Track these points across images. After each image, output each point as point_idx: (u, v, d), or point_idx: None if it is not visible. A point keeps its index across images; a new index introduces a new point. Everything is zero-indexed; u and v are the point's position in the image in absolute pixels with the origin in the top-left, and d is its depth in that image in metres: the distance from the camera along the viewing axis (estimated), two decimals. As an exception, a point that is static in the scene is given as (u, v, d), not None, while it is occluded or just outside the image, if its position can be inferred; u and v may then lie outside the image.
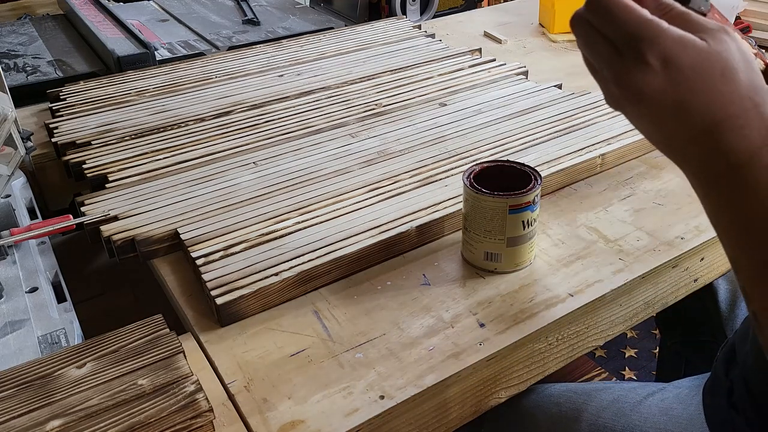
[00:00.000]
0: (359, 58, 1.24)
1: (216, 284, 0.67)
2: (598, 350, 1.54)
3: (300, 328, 0.65)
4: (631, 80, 0.36)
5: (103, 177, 0.88)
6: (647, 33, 0.34)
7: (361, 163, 0.88)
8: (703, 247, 0.75)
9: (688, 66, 0.34)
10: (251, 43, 1.37)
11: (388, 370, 0.59)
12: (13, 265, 0.73)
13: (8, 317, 0.66)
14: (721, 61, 0.34)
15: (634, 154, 0.92)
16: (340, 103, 1.06)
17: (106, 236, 0.75)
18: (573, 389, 0.76)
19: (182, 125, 1.01)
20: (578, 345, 0.69)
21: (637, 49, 0.35)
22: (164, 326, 0.59)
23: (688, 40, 0.34)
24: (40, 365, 0.55)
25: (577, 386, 0.76)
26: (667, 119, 0.36)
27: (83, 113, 1.05)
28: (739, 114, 0.33)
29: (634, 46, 0.35)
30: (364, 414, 0.55)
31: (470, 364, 0.60)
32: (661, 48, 0.34)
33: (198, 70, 1.21)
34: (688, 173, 0.38)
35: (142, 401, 0.52)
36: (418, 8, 1.68)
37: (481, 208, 0.67)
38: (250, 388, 0.59)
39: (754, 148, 0.33)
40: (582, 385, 0.77)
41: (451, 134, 0.95)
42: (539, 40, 1.43)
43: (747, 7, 1.30)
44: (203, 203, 0.81)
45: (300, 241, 0.73)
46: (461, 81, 1.12)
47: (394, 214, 0.77)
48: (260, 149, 0.93)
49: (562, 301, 0.67)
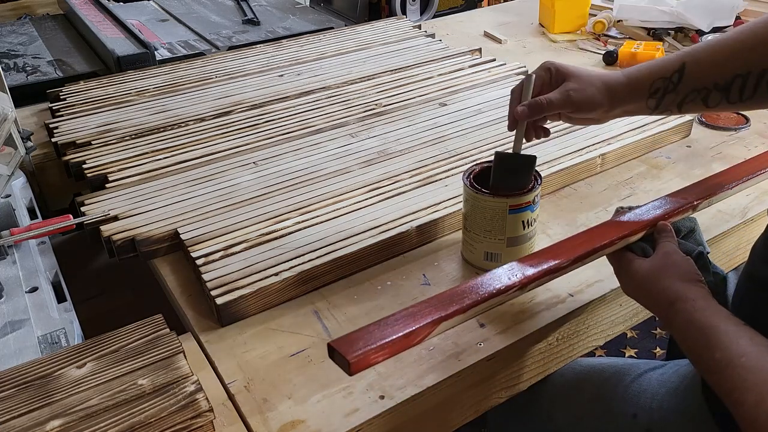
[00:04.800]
0: (359, 58, 1.24)
1: (216, 284, 0.67)
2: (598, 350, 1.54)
3: (300, 328, 0.65)
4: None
5: (103, 177, 0.88)
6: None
7: (361, 163, 0.88)
8: (703, 247, 0.75)
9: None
10: (251, 43, 1.37)
11: (388, 370, 0.59)
12: (13, 265, 0.73)
13: (8, 317, 0.66)
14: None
15: (634, 154, 0.92)
16: (340, 103, 1.06)
17: (106, 236, 0.75)
18: (576, 364, 0.77)
19: (182, 125, 1.01)
20: (578, 345, 0.69)
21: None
22: (164, 326, 0.59)
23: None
24: (40, 365, 0.55)
25: (581, 361, 0.77)
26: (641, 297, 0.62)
27: (83, 113, 1.05)
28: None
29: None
30: (364, 414, 0.55)
31: (470, 364, 0.60)
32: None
33: (198, 70, 1.21)
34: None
35: (142, 401, 0.52)
36: (418, 8, 1.68)
37: (481, 208, 0.67)
38: (250, 388, 0.59)
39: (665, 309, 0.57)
40: (585, 360, 0.78)
41: (451, 134, 0.94)
42: (539, 40, 1.43)
43: (747, 7, 1.31)
44: (203, 203, 0.81)
45: (300, 241, 0.73)
46: (461, 81, 1.12)
47: (394, 214, 0.77)
48: (260, 149, 0.93)
49: (562, 301, 0.67)
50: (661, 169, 0.89)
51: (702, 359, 0.52)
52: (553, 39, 1.41)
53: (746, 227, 0.80)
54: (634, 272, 0.61)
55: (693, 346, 0.53)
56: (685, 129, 0.97)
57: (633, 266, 0.61)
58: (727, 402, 0.49)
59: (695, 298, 0.55)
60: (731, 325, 0.52)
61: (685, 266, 0.58)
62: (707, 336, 0.52)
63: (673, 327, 0.56)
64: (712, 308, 0.54)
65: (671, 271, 0.58)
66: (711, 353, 0.51)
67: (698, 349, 0.53)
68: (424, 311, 0.51)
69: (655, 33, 1.33)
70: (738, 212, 0.80)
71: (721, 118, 1.02)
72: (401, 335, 0.49)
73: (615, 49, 1.26)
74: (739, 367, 0.48)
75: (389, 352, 0.49)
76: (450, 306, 0.52)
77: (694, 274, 0.58)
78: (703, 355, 0.52)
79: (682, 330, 0.55)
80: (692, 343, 0.53)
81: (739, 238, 0.80)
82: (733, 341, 0.50)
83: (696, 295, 0.55)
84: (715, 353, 0.50)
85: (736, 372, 0.48)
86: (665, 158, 0.92)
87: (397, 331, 0.49)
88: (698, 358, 0.53)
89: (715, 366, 0.50)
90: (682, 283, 0.57)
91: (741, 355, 0.49)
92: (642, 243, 0.63)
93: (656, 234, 0.63)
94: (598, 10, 1.43)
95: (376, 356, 0.48)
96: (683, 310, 0.55)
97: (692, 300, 0.55)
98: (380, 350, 0.48)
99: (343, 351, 0.47)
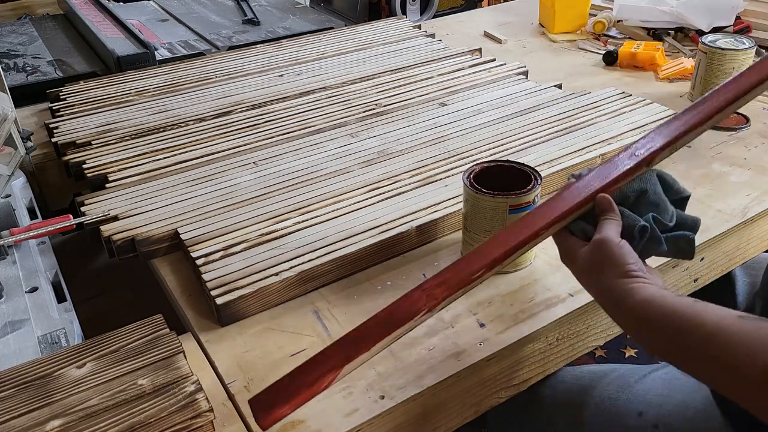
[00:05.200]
0: (359, 58, 1.24)
1: (216, 284, 0.67)
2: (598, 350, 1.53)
3: (300, 328, 0.65)
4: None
5: (103, 177, 0.88)
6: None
7: (361, 163, 0.88)
8: (703, 247, 0.75)
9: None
10: (251, 43, 1.37)
11: (388, 370, 0.59)
12: (13, 265, 0.73)
13: (8, 317, 0.66)
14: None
15: (634, 154, 0.92)
16: (340, 103, 1.06)
17: (106, 236, 0.75)
18: (579, 371, 0.77)
19: (182, 125, 1.01)
20: (578, 345, 0.69)
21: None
22: (164, 326, 0.59)
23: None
24: (40, 365, 0.55)
25: (584, 368, 0.77)
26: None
27: (83, 113, 1.05)
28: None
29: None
30: (364, 414, 0.55)
31: (470, 364, 0.60)
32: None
33: (198, 70, 1.21)
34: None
35: (142, 401, 0.52)
36: (418, 8, 1.68)
37: (481, 208, 0.67)
38: (250, 388, 0.59)
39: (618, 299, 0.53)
40: (588, 367, 0.78)
41: (451, 134, 0.94)
42: (539, 40, 1.43)
43: (747, 7, 1.30)
44: (203, 203, 0.81)
45: (300, 241, 0.73)
46: (461, 81, 1.12)
47: (394, 214, 0.77)
48: (260, 149, 0.93)
49: (562, 301, 0.67)
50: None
51: (673, 349, 0.49)
52: (553, 39, 1.41)
53: (746, 227, 0.80)
54: (572, 263, 0.57)
55: (657, 340, 0.50)
56: (685, 129, 0.97)
57: (572, 255, 0.57)
58: (719, 379, 0.46)
59: (633, 293, 0.51)
60: (686, 305, 0.49)
61: (619, 258, 0.53)
62: (667, 324, 0.48)
63: (628, 329, 0.54)
64: (657, 296, 0.50)
65: (604, 267, 0.54)
66: (681, 340, 0.47)
67: (662, 340, 0.49)
68: (327, 357, 0.51)
69: (655, 33, 1.33)
70: (738, 212, 0.80)
71: (721, 118, 1.02)
72: (307, 388, 0.50)
73: (615, 49, 1.25)
74: (721, 343, 0.45)
75: (297, 404, 0.50)
76: (355, 347, 0.51)
77: (630, 264, 0.53)
78: (672, 344, 0.49)
79: (638, 329, 0.52)
80: (655, 337, 0.50)
81: (739, 238, 0.80)
82: (699, 321, 0.47)
83: (633, 289, 0.51)
84: (686, 339, 0.47)
85: (718, 347, 0.45)
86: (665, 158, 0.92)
87: (303, 384, 0.50)
88: (665, 350, 0.50)
89: (689, 351, 0.47)
90: (617, 279, 0.53)
91: (719, 331, 0.45)
92: (582, 223, 0.57)
93: (596, 211, 0.57)
94: (598, 10, 1.43)
95: (283, 411, 0.50)
96: (629, 310, 0.51)
97: (631, 296, 0.51)
98: (287, 404, 0.49)
99: (254, 410, 0.50)
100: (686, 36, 1.32)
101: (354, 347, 0.52)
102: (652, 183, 0.59)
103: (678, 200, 0.61)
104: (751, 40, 1.04)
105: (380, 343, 0.52)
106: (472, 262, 0.55)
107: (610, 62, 1.25)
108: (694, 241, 0.59)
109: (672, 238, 0.58)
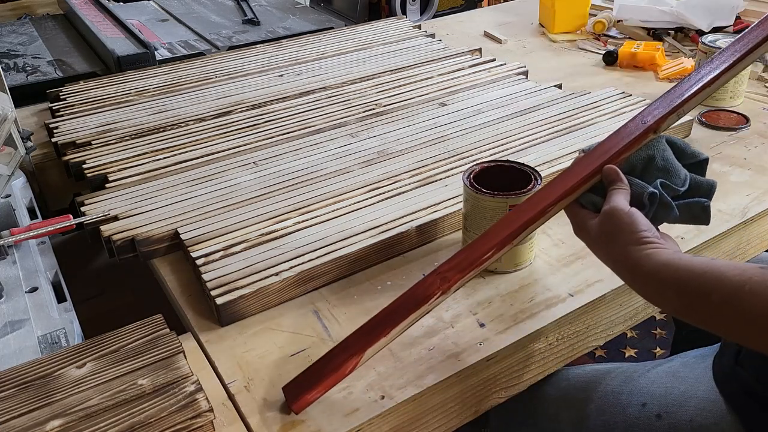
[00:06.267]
0: (359, 58, 1.24)
1: (216, 284, 0.67)
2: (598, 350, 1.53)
3: (300, 328, 0.65)
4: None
5: (103, 177, 0.88)
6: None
7: (361, 163, 0.88)
8: (703, 247, 0.75)
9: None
10: (251, 43, 1.37)
11: (388, 370, 0.59)
12: (13, 265, 0.73)
13: (8, 317, 0.66)
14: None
15: (634, 154, 0.92)
16: (340, 103, 1.06)
17: (106, 236, 0.75)
18: (580, 368, 0.77)
19: (182, 125, 1.01)
20: (578, 345, 0.69)
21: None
22: (164, 326, 0.59)
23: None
24: (40, 365, 0.55)
25: (587, 366, 0.78)
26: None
27: (83, 113, 1.05)
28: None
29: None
30: (364, 414, 0.55)
31: (470, 364, 0.60)
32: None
33: (198, 70, 1.21)
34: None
35: (142, 401, 0.52)
36: (418, 8, 1.68)
37: (481, 208, 0.67)
38: (250, 388, 0.59)
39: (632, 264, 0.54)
40: (590, 366, 0.78)
41: (451, 134, 0.94)
42: (539, 40, 1.43)
43: (747, 7, 1.30)
44: (203, 203, 0.81)
45: (300, 241, 0.73)
46: (461, 81, 1.12)
47: (394, 214, 0.77)
48: (260, 149, 0.93)
49: (562, 301, 0.67)
50: (661, 169, 0.89)
51: (695, 311, 0.49)
52: (553, 39, 1.41)
53: (746, 227, 0.80)
54: (585, 235, 0.57)
55: (679, 302, 0.50)
56: (685, 129, 0.97)
57: (585, 227, 0.57)
58: (743, 335, 0.47)
59: (648, 258, 0.51)
60: (704, 265, 0.49)
61: (629, 225, 0.54)
62: (689, 286, 0.49)
63: (647, 295, 0.54)
64: (673, 259, 0.50)
65: (616, 236, 0.54)
66: (706, 298, 0.47)
67: (686, 301, 0.49)
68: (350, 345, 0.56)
69: (655, 33, 1.33)
70: (738, 212, 0.80)
71: (721, 118, 1.02)
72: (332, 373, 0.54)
73: (615, 49, 1.26)
74: (747, 293, 0.45)
75: (324, 388, 0.55)
76: (374, 333, 0.55)
77: (641, 231, 0.53)
78: (694, 306, 0.49)
79: (657, 295, 0.52)
80: (676, 300, 0.50)
81: (739, 238, 0.80)
82: (722, 277, 0.47)
83: (648, 255, 0.52)
84: (712, 296, 0.47)
85: (746, 299, 0.45)
86: (665, 158, 0.92)
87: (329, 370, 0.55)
88: (690, 311, 0.50)
89: (716, 308, 0.47)
90: (630, 247, 0.53)
91: (744, 283, 0.46)
92: (591, 195, 0.57)
93: (604, 181, 0.58)
94: (598, 10, 1.43)
95: (312, 395, 0.54)
96: (645, 276, 0.52)
97: (646, 262, 0.51)
98: (315, 389, 0.54)
99: (287, 396, 0.55)
100: (686, 36, 1.32)
101: (373, 333, 0.55)
102: (660, 149, 0.58)
103: (695, 164, 0.60)
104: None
105: (398, 327, 0.55)
106: (482, 243, 0.57)
107: (610, 62, 1.25)
108: (709, 207, 0.58)
109: (684, 205, 0.57)
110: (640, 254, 0.52)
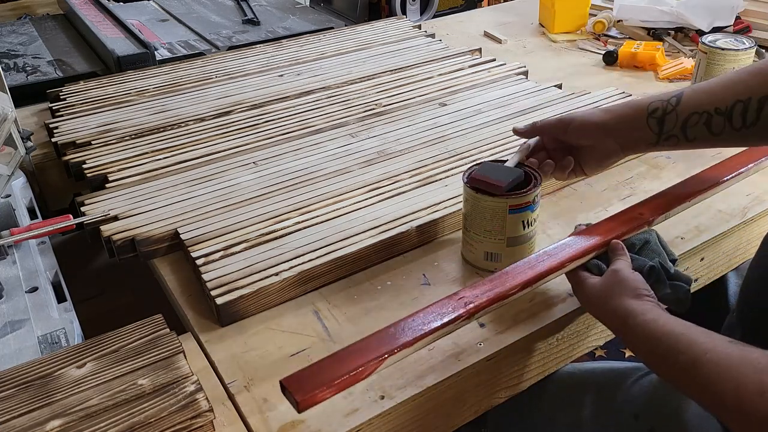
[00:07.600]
0: (359, 58, 1.24)
1: (216, 284, 0.67)
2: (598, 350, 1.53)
3: (300, 328, 0.65)
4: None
5: (103, 177, 0.88)
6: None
7: (361, 163, 0.88)
8: (703, 247, 0.75)
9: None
10: (251, 43, 1.37)
11: (388, 370, 0.59)
12: (13, 265, 0.73)
13: (8, 317, 0.66)
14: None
15: (634, 154, 0.92)
16: (340, 103, 1.06)
17: (106, 236, 0.75)
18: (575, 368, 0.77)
19: (182, 125, 1.01)
20: (578, 345, 0.69)
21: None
22: (164, 326, 0.59)
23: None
24: (40, 365, 0.55)
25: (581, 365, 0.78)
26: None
27: (83, 113, 1.05)
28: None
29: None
30: (364, 414, 0.55)
31: (470, 364, 0.60)
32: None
33: (198, 70, 1.21)
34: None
35: (142, 401, 0.52)
36: (418, 8, 1.68)
37: (481, 208, 0.67)
38: (250, 388, 0.59)
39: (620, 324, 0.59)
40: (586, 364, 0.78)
41: (451, 134, 0.95)
42: (539, 40, 1.43)
43: (747, 7, 1.30)
44: (203, 203, 0.81)
45: (300, 241, 0.73)
46: (461, 81, 1.12)
47: (394, 214, 0.77)
48: (260, 149, 0.93)
49: (563, 301, 0.67)
50: (661, 169, 0.89)
51: (666, 367, 0.53)
52: (553, 39, 1.41)
53: (746, 227, 0.80)
54: (587, 291, 0.63)
55: (654, 357, 0.55)
56: (685, 129, 0.97)
57: (586, 285, 0.63)
58: (704, 400, 0.50)
59: (644, 312, 0.56)
60: (684, 327, 0.53)
61: (633, 283, 0.60)
62: (665, 343, 0.53)
63: (630, 343, 0.58)
64: (663, 317, 0.55)
65: (619, 289, 0.59)
66: (674, 358, 0.51)
67: (660, 358, 0.54)
68: (371, 346, 0.53)
69: (655, 33, 1.33)
70: (738, 212, 0.80)
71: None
72: (350, 373, 0.50)
73: (615, 49, 1.25)
74: (707, 362, 0.49)
75: (337, 389, 0.50)
76: (396, 341, 0.54)
77: (642, 289, 0.59)
78: (666, 362, 0.53)
79: (640, 344, 0.56)
80: (652, 354, 0.55)
81: (739, 238, 0.80)
82: (692, 341, 0.51)
83: (644, 309, 0.56)
84: (679, 357, 0.51)
85: (705, 367, 0.49)
86: (665, 158, 0.92)
87: (345, 369, 0.51)
88: (663, 367, 0.54)
89: (681, 370, 0.51)
90: (630, 299, 0.58)
91: (705, 351, 0.49)
92: (597, 261, 0.65)
93: (609, 252, 0.65)
94: (598, 10, 1.43)
95: (324, 394, 0.50)
96: (635, 326, 0.56)
97: (641, 314, 0.56)
98: (327, 388, 0.50)
99: (293, 390, 0.49)
100: (686, 36, 1.32)
101: (398, 341, 0.54)
102: (654, 236, 0.68)
103: (672, 261, 0.68)
104: (751, 40, 1.04)
105: (424, 340, 0.55)
106: (510, 278, 0.61)
107: (610, 62, 1.25)
108: (690, 293, 0.64)
109: (672, 285, 0.64)
110: (636, 305, 0.57)
